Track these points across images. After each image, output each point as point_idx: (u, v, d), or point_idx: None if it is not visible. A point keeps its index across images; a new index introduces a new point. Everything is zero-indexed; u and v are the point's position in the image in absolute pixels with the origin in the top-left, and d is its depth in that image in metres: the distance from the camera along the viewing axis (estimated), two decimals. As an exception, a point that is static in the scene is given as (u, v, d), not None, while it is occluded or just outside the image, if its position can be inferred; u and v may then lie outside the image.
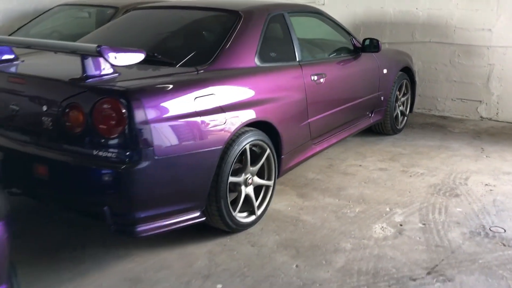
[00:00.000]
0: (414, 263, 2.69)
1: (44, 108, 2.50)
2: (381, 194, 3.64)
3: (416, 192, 3.68)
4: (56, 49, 2.81)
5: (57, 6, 5.77)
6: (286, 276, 2.57)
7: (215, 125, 2.69)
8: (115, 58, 2.32)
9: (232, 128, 2.78)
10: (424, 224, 3.16)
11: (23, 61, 3.01)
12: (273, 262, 2.71)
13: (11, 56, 2.97)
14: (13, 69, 2.83)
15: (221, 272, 2.61)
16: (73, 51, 2.45)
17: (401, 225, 3.15)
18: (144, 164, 2.37)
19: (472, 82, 6.05)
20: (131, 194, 2.40)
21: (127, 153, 2.35)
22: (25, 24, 5.59)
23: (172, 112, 2.49)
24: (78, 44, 2.76)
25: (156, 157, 2.40)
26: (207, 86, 2.72)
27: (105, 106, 2.33)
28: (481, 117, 6.05)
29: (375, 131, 5.13)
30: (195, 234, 2.95)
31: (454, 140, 5.10)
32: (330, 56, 4.16)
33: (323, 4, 6.78)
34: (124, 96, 2.32)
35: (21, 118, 2.60)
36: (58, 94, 2.48)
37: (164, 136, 2.44)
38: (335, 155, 4.49)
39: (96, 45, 2.29)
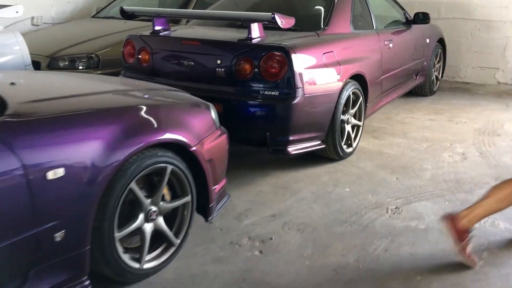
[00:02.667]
0: (483, 175, 3.66)
1: (218, 62, 3.38)
2: (438, 135, 4.60)
3: (466, 134, 4.65)
4: (230, 18, 3.67)
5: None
6: (391, 183, 3.52)
7: (335, 75, 3.60)
8: (282, 22, 3.20)
9: (344, 78, 3.69)
10: (480, 153, 4.14)
11: (175, 30, 3.88)
12: (377, 176, 3.66)
13: (166, 27, 3.84)
14: (179, 35, 3.70)
15: (343, 182, 3.54)
16: (248, 19, 3.33)
17: (463, 154, 4.11)
18: (297, 100, 3.28)
19: (491, 52, 7.03)
20: (288, 122, 3.31)
21: (286, 92, 3.26)
22: (106, 6, 6.38)
23: (312, 63, 3.39)
24: (252, 13, 3.62)
25: (305, 95, 3.31)
26: (328, 45, 3.62)
27: (271, 58, 3.23)
28: (498, 82, 7.05)
29: (414, 93, 6.07)
30: (309, 162, 3.88)
31: (481, 99, 6.10)
32: (393, 26, 5.07)
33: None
34: (285, 51, 3.22)
35: (196, 71, 3.48)
36: (229, 51, 3.36)
37: (308, 80, 3.34)
38: (388, 111, 5.43)
39: (270, 13, 3.17)
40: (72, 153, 1.91)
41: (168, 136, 2.30)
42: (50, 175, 1.82)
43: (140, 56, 3.78)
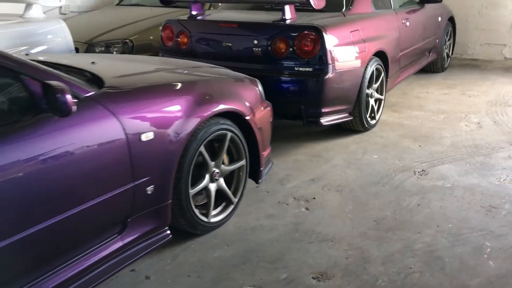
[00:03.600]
0: (498, 140, 3.99)
1: (255, 42, 3.68)
2: (453, 107, 4.91)
3: (479, 105, 4.97)
4: (267, 2, 4.00)
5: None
6: (415, 150, 3.84)
7: (361, 51, 3.90)
8: (315, 3, 3.50)
9: (369, 55, 4.00)
10: (494, 122, 4.46)
11: (209, 14, 4.17)
12: (401, 144, 3.98)
13: (201, 12, 4.14)
14: (216, 19, 4.00)
15: (370, 150, 3.86)
16: (282, 1, 3.62)
17: (478, 123, 4.43)
18: (330, 75, 3.59)
19: (497, 29, 7.30)
20: (320, 96, 3.62)
21: (319, 68, 3.56)
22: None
23: (340, 41, 3.69)
24: None
25: (336, 70, 3.62)
26: (354, 24, 3.92)
27: (305, 37, 3.53)
28: (505, 57, 7.33)
29: (426, 70, 6.36)
30: (336, 134, 4.20)
31: (490, 74, 6.40)
32: (408, 5, 5.34)
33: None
34: (318, 30, 3.52)
35: (234, 51, 3.78)
36: (265, 32, 3.66)
37: (338, 57, 3.64)
38: (404, 87, 5.72)
39: (304, -4, 3.48)
40: (159, 119, 2.24)
41: (228, 106, 2.62)
42: (143, 137, 2.15)
43: (179, 39, 4.08)
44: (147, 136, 2.17)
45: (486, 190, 3.14)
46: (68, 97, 1.72)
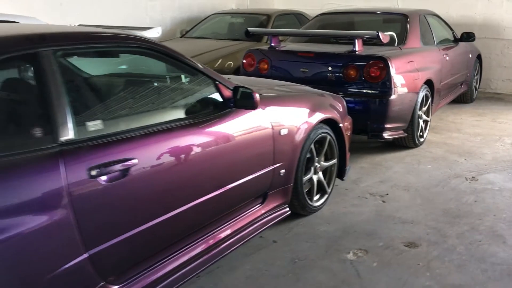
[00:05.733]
0: (532, 156, 4.69)
1: (329, 68, 4.44)
2: (487, 131, 5.62)
3: (509, 130, 5.68)
4: (342, 36, 4.78)
5: (213, 14, 7.71)
6: (462, 163, 4.53)
7: (415, 79, 4.65)
8: (382, 38, 4.27)
9: (421, 82, 4.75)
10: (526, 142, 5.17)
11: (285, 46, 4.96)
12: (449, 158, 4.67)
13: (278, 43, 4.92)
14: (294, 49, 4.79)
15: (424, 162, 4.55)
16: (355, 36, 4.39)
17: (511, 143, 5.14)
18: (392, 97, 4.32)
19: (519, 67, 8.09)
20: (384, 114, 4.34)
21: (384, 91, 4.30)
22: (191, 28, 7.50)
23: (401, 69, 4.45)
24: (359, 31, 4.69)
25: (397, 93, 4.35)
26: (410, 56, 4.68)
27: (374, 65, 4.28)
28: (526, 92, 8.08)
29: (457, 101, 7.09)
30: (389, 149, 4.90)
31: (515, 105, 7.14)
32: (445, 43, 6.13)
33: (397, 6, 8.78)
34: (385, 59, 4.27)
35: (310, 76, 4.54)
36: (339, 60, 4.43)
37: (399, 82, 4.38)
38: (439, 114, 6.45)
39: (375, 31, 4.24)
40: (291, 120, 2.96)
41: (328, 115, 3.34)
42: (282, 132, 2.87)
43: (259, 66, 4.86)
44: (284, 132, 2.89)
45: (528, 192, 3.82)
46: (257, 96, 2.45)
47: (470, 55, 6.75)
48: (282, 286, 2.55)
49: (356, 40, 4.42)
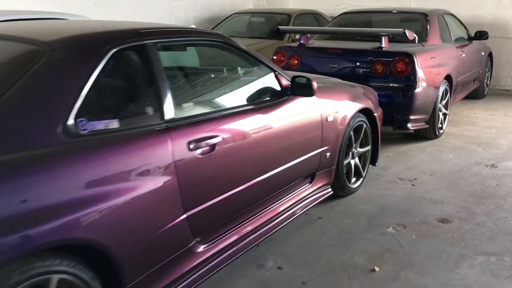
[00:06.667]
0: (545, 146, 5.01)
1: (357, 64, 4.76)
2: (501, 124, 5.94)
3: (523, 123, 6.01)
4: (370, 34, 5.09)
5: (234, 13, 8.03)
6: (480, 152, 4.85)
7: (437, 74, 4.97)
8: (408, 35, 4.58)
9: (442, 77, 5.07)
10: (538, 134, 5.49)
11: (313, 43, 5.28)
12: (468, 148, 4.99)
13: (306, 41, 5.24)
14: (323, 46, 5.11)
15: (445, 151, 4.86)
16: (382, 33, 4.71)
17: (525, 135, 5.47)
18: (417, 90, 4.64)
19: (527, 65, 8.41)
20: (409, 106, 4.66)
21: (409, 84, 4.62)
22: (214, 27, 7.82)
23: (424, 65, 4.76)
24: (386, 29, 5.00)
25: (421, 87, 4.67)
26: (432, 52, 5.00)
27: (400, 60, 4.60)
28: (534, 89, 8.41)
29: (469, 97, 7.41)
30: (410, 141, 5.22)
31: (525, 101, 7.47)
32: (461, 41, 6.44)
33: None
34: (410, 55, 4.59)
35: (339, 71, 4.85)
36: (366, 56, 4.75)
37: (423, 76, 4.70)
38: (454, 109, 6.76)
39: (402, 29, 4.56)
40: (336, 108, 3.28)
41: (365, 105, 3.66)
42: (329, 118, 3.19)
43: (289, 62, 5.17)
44: (330, 119, 3.21)
45: (545, 178, 4.15)
46: (315, 84, 2.77)
47: (483, 53, 7.07)
48: (334, 254, 2.87)
49: (383, 37, 4.74)
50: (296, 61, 5.15)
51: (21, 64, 1.82)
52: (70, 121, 1.75)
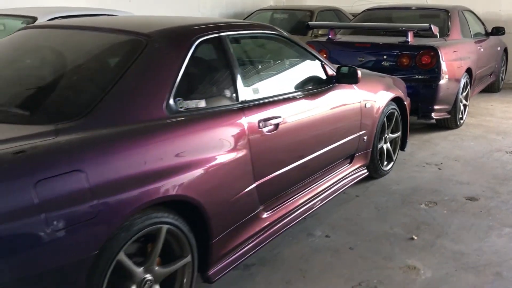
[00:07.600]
0: (561, 135, 5.30)
1: (384, 57, 5.07)
2: (518, 116, 6.25)
3: (539, 114, 6.29)
4: (394, 29, 5.40)
5: (257, 10, 8.35)
6: (500, 140, 5.15)
7: (459, 67, 5.27)
8: (434, 30, 4.89)
9: (463, 70, 5.38)
10: (554, 124, 5.77)
11: (340, 37, 5.60)
12: (487, 136, 5.29)
13: (334, 36, 5.56)
14: (351, 40, 5.43)
15: (466, 139, 5.17)
16: (409, 28, 5.02)
17: (542, 125, 5.75)
18: (441, 82, 4.95)
19: (541, 60, 8.66)
20: (434, 97, 4.97)
21: (434, 76, 4.92)
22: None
23: (448, 58, 5.07)
24: (413, 24, 5.30)
25: (445, 79, 4.97)
26: (454, 46, 5.31)
27: (425, 54, 4.91)
28: (548, 83, 8.66)
29: (485, 90, 7.68)
30: (434, 130, 5.52)
31: (539, 94, 7.74)
32: (479, 36, 6.71)
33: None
34: (435, 49, 4.90)
35: (367, 64, 5.16)
36: (393, 50, 5.05)
37: (447, 69, 5.00)
38: (471, 101, 7.01)
39: (427, 24, 4.87)
40: (372, 96, 3.60)
41: (398, 94, 3.97)
42: (367, 105, 3.51)
43: (318, 55, 5.48)
44: (368, 105, 3.53)
45: (562, 163, 4.44)
46: (359, 71, 3.09)
47: (499, 48, 7.35)
48: (375, 225, 3.19)
49: (409, 32, 5.04)
50: (324, 55, 5.45)
51: (128, 51, 2.17)
52: (171, 100, 2.09)
